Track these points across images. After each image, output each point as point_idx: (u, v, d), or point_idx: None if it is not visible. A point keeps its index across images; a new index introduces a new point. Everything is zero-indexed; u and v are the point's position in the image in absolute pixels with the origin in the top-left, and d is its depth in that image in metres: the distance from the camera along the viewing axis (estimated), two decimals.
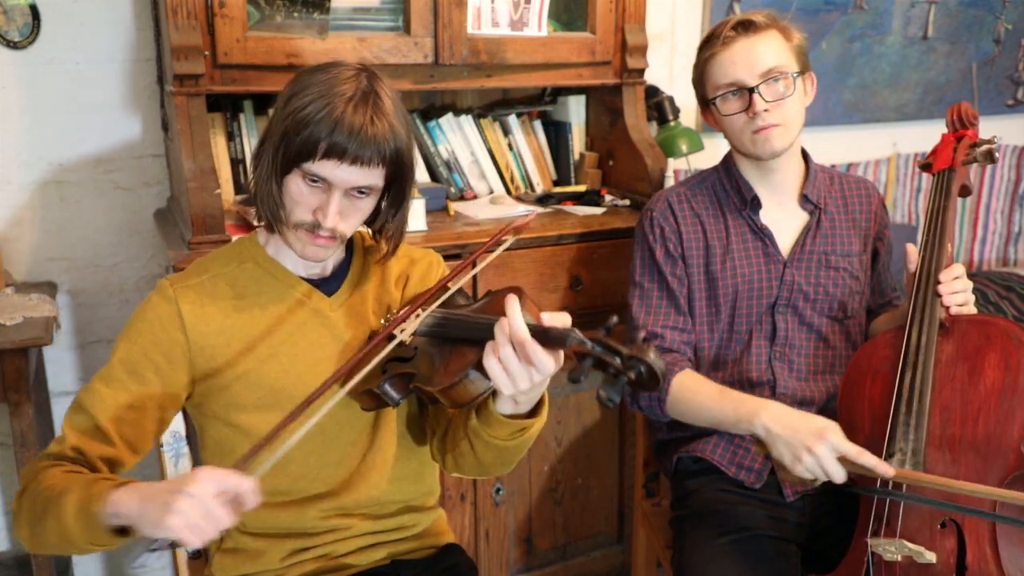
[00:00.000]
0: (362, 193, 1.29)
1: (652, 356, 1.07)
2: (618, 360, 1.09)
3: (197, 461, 1.85)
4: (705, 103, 1.75)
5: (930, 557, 1.38)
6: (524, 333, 1.11)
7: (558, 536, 2.35)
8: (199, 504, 1.03)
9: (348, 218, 1.30)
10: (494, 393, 1.24)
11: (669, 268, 1.76)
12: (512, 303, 1.14)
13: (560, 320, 1.17)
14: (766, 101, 1.64)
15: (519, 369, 1.14)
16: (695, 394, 1.65)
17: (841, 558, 1.50)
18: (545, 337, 1.13)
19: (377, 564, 1.45)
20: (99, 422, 1.28)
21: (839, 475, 1.42)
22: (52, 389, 2.25)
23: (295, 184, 1.27)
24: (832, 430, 1.43)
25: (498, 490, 2.20)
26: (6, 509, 2.30)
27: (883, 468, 1.39)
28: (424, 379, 1.25)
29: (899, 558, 1.40)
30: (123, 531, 1.13)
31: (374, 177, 1.27)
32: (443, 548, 1.52)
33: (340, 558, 1.42)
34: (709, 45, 1.70)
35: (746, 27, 1.65)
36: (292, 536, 1.40)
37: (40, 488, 1.20)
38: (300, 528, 1.39)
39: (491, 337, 1.16)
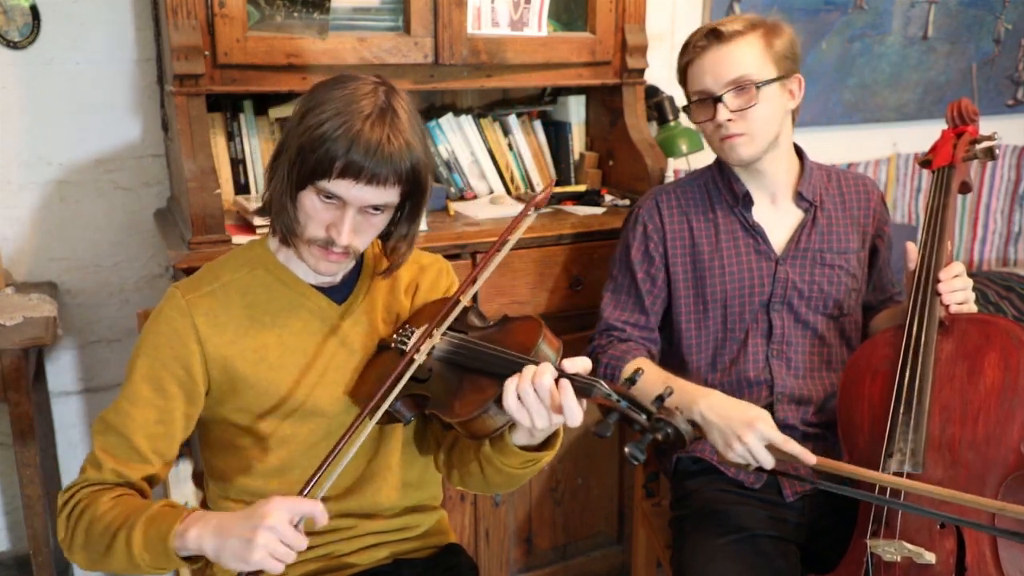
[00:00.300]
0: (376, 210, 1.28)
1: (679, 419, 1.09)
2: (645, 418, 1.09)
3: (197, 458, 1.85)
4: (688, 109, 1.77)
5: (929, 558, 1.38)
6: (551, 387, 1.14)
7: (558, 536, 2.35)
8: (277, 535, 1.11)
9: (361, 234, 1.29)
10: (511, 426, 1.25)
11: (644, 267, 1.79)
12: (535, 333, 1.17)
13: (582, 366, 1.18)
14: (729, 111, 1.65)
15: (543, 413, 1.16)
16: (641, 379, 1.67)
17: (840, 558, 1.50)
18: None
19: (379, 564, 1.45)
20: (133, 442, 1.29)
21: (768, 462, 1.49)
22: (52, 389, 2.26)
23: (309, 200, 1.26)
24: (762, 419, 1.50)
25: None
26: (6, 509, 2.30)
27: (806, 456, 1.46)
28: (441, 406, 1.25)
29: (898, 559, 1.40)
30: (195, 560, 1.20)
31: (389, 195, 1.26)
32: (445, 548, 1.53)
33: (342, 557, 1.43)
34: (685, 52, 1.72)
35: (717, 36, 1.66)
36: None
37: (96, 516, 1.24)
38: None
39: (511, 373, 1.17)
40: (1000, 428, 1.43)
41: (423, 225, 2.03)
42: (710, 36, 1.66)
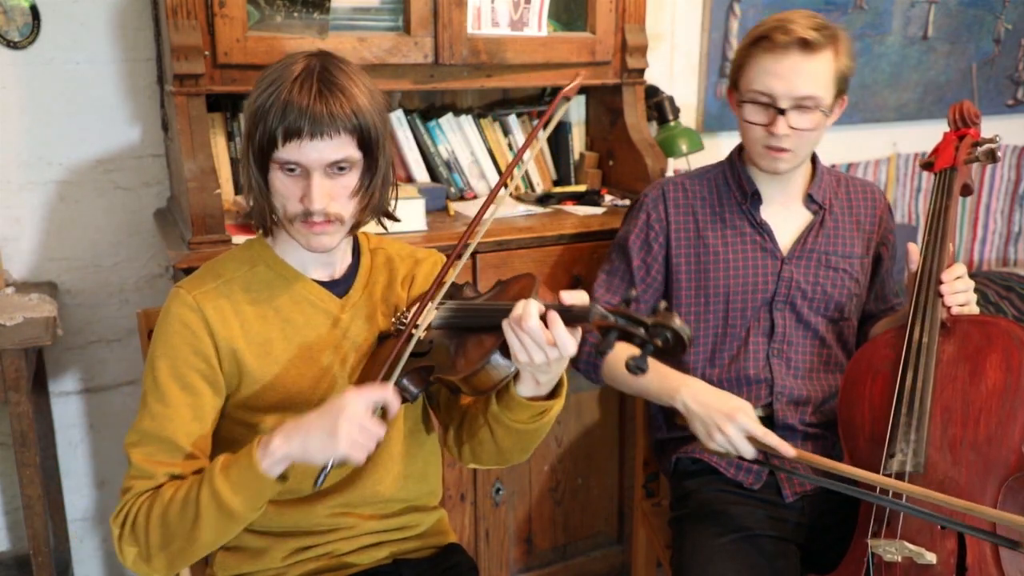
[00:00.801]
0: (341, 169, 1.28)
1: (677, 322, 1.10)
2: (642, 330, 1.11)
3: None
4: (735, 85, 1.71)
5: (930, 558, 1.38)
6: (540, 312, 1.16)
7: (558, 536, 2.35)
8: (357, 423, 1.16)
9: (336, 198, 1.29)
10: (515, 376, 1.26)
11: (640, 255, 1.79)
12: (530, 284, 1.18)
13: (579, 298, 1.19)
14: (789, 127, 1.62)
15: (536, 349, 1.17)
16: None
17: (841, 558, 1.50)
18: (568, 315, 1.16)
19: (379, 563, 1.45)
20: (177, 443, 1.28)
21: (748, 453, 1.53)
22: (52, 389, 2.25)
23: (277, 179, 1.28)
24: (743, 411, 1.52)
25: (498, 490, 2.20)
26: (6, 509, 2.30)
27: (784, 448, 1.49)
28: (445, 369, 1.25)
29: (899, 559, 1.40)
30: (283, 477, 1.21)
31: (344, 148, 1.26)
32: (445, 548, 1.53)
33: (342, 557, 1.43)
34: (761, 44, 1.62)
35: (804, 45, 1.58)
36: (295, 535, 1.40)
37: (166, 506, 1.23)
38: (306, 526, 1.40)
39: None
40: (1001, 429, 1.43)
41: (423, 225, 2.05)
42: (799, 42, 1.58)
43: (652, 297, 1.80)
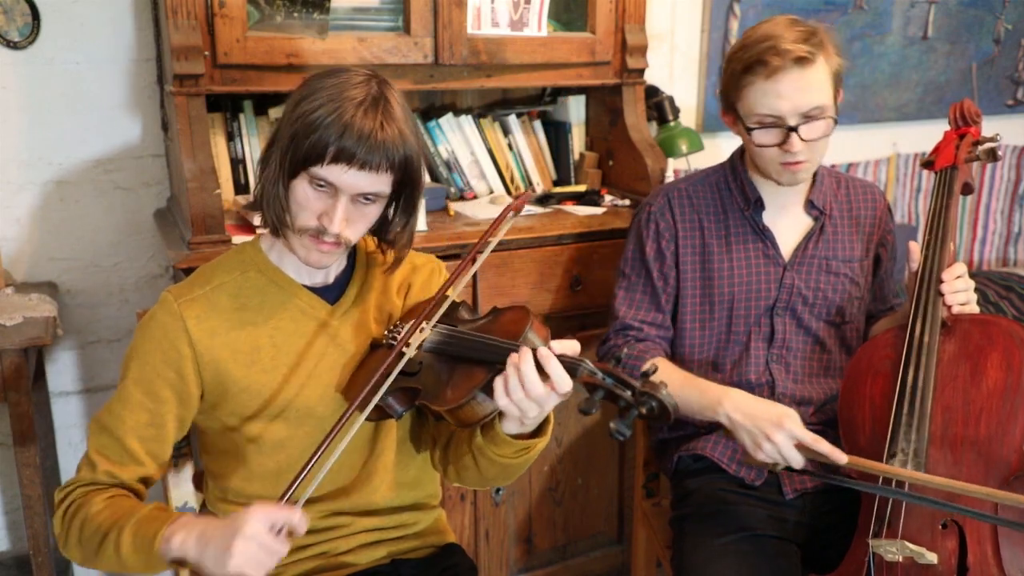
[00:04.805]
0: (368, 200, 1.28)
1: (663, 393, 1.09)
2: (629, 394, 1.10)
3: (197, 459, 1.85)
4: (731, 109, 1.69)
5: (931, 558, 1.38)
6: (535, 377, 1.15)
7: (558, 536, 2.35)
8: (256, 543, 1.12)
9: (354, 224, 1.29)
10: (500, 413, 1.25)
11: (657, 265, 1.77)
12: (524, 318, 1.17)
13: (570, 348, 1.19)
14: (803, 141, 1.61)
15: (527, 401, 1.17)
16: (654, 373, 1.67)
17: (841, 558, 1.50)
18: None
19: (377, 563, 1.45)
20: (126, 444, 1.30)
21: (797, 461, 1.48)
22: (52, 389, 2.25)
23: (302, 188, 1.26)
24: (790, 418, 1.48)
25: (498, 490, 2.20)
26: (6, 509, 2.30)
27: (837, 455, 1.44)
28: (430, 396, 1.25)
29: (900, 559, 1.40)
30: (180, 562, 1.21)
31: (381, 184, 1.26)
32: (443, 548, 1.52)
33: (339, 556, 1.43)
34: (752, 70, 1.59)
35: (801, 61, 1.56)
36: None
37: (88, 517, 1.26)
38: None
39: (499, 359, 1.18)
40: (1002, 428, 1.43)
41: (423, 225, 2.04)
42: (793, 60, 1.56)
43: (671, 306, 1.79)
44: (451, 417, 1.24)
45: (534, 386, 1.17)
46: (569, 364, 1.15)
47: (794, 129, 1.60)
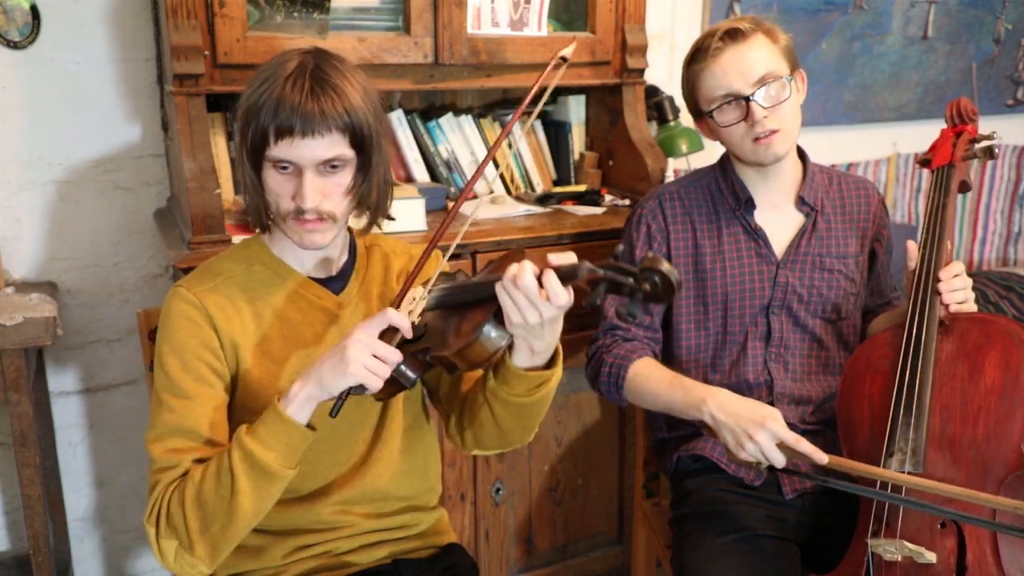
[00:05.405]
0: (334, 167, 1.28)
1: (665, 266, 1.08)
2: (631, 278, 1.10)
3: None
4: (699, 115, 1.75)
5: (930, 557, 1.38)
6: (534, 272, 1.16)
7: (558, 536, 2.35)
8: (365, 347, 1.17)
9: (329, 196, 1.29)
10: (510, 349, 1.26)
11: None
12: (519, 254, 1.19)
13: (567, 259, 1.19)
14: (764, 108, 1.64)
15: (530, 308, 1.16)
16: (647, 380, 1.68)
17: (841, 558, 1.49)
18: (558, 274, 1.16)
19: (378, 563, 1.45)
20: (200, 432, 1.28)
21: (779, 461, 1.48)
22: (52, 389, 2.25)
23: (270, 177, 1.29)
24: (772, 418, 1.49)
25: (498, 490, 2.20)
26: (6, 509, 2.30)
27: (818, 455, 1.45)
28: (439, 346, 1.25)
29: (899, 558, 1.40)
30: (311, 427, 1.22)
31: (337, 147, 1.27)
32: (444, 548, 1.53)
33: (341, 556, 1.43)
34: (697, 59, 1.69)
35: (733, 36, 1.64)
36: (294, 533, 1.40)
37: (198, 485, 1.22)
38: (305, 525, 1.40)
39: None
40: (1000, 427, 1.43)
41: (423, 224, 2.05)
42: (725, 38, 1.65)
43: (662, 307, 1.80)
44: (461, 360, 1.24)
45: (529, 288, 1.16)
46: (569, 269, 1.16)
47: (750, 98, 1.63)
